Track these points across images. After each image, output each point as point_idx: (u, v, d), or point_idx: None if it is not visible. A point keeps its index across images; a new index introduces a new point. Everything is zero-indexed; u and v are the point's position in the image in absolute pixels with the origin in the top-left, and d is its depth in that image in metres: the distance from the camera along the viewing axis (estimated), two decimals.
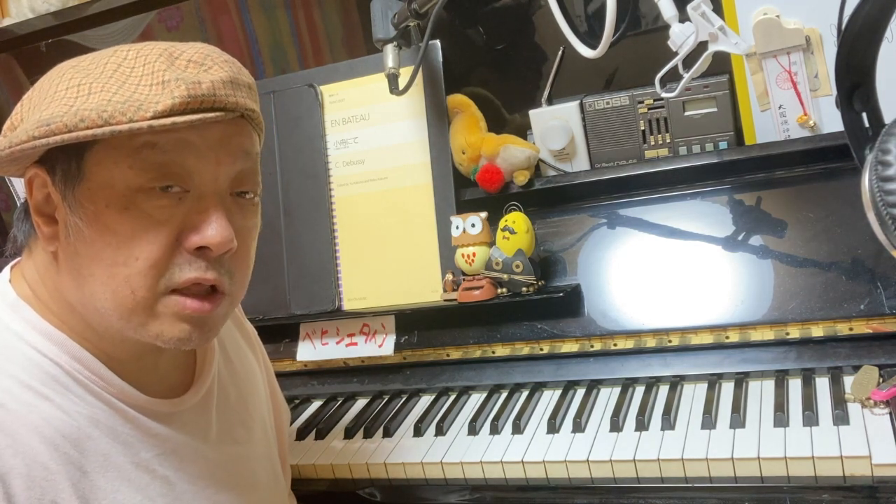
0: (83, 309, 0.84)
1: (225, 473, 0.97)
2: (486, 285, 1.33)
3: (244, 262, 0.89)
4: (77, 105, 0.78)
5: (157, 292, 0.82)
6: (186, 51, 0.82)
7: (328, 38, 1.64)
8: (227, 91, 0.81)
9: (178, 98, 0.78)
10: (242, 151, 0.86)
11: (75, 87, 0.80)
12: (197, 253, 0.82)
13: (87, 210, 0.81)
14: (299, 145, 1.51)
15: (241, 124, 0.86)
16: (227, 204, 0.85)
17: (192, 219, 0.82)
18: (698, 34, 1.11)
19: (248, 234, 0.89)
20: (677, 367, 1.24)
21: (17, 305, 0.86)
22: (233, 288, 0.87)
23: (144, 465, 0.87)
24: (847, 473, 0.97)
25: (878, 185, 0.81)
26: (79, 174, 0.81)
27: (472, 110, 1.43)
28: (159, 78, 0.79)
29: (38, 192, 0.84)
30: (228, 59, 0.85)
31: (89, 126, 0.77)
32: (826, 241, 1.20)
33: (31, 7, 1.85)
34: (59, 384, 0.83)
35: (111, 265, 0.81)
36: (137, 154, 0.80)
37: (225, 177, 0.84)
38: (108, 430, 0.85)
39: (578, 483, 1.10)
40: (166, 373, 0.94)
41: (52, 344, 0.84)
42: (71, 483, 0.80)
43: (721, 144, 1.32)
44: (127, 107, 0.77)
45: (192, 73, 0.80)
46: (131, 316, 0.82)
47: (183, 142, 0.81)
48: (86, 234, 0.81)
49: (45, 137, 0.78)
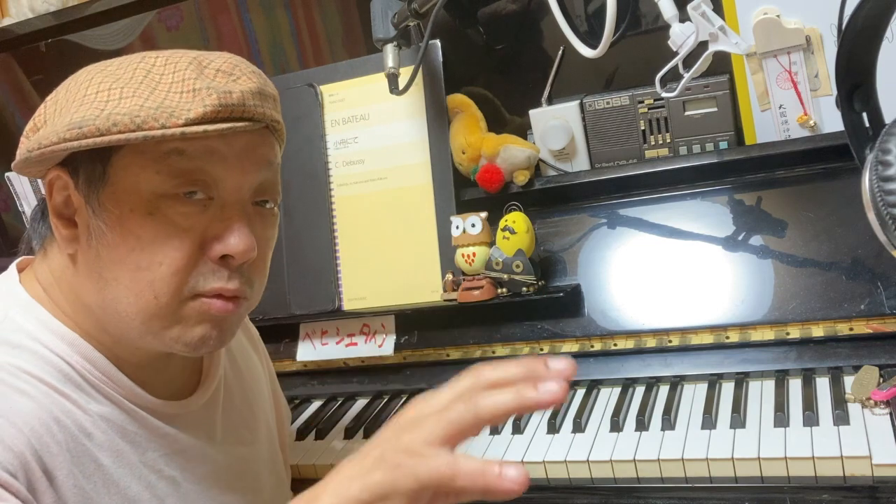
0: (102, 312, 0.85)
1: (230, 474, 0.97)
2: (486, 285, 1.33)
3: (262, 270, 0.90)
4: (109, 109, 0.79)
5: (180, 298, 0.83)
6: (215, 60, 0.83)
7: (328, 38, 1.64)
8: (256, 102, 0.83)
9: (210, 106, 0.79)
10: (266, 161, 0.87)
11: (105, 91, 0.81)
12: (220, 262, 0.84)
13: (111, 214, 0.81)
14: (299, 145, 1.51)
15: (266, 135, 0.87)
16: (249, 213, 0.86)
17: (215, 227, 0.83)
18: (698, 34, 1.11)
19: (266, 244, 0.90)
20: (677, 367, 1.24)
21: (30, 306, 0.86)
22: (252, 295, 0.89)
23: (151, 465, 0.88)
24: (847, 473, 0.97)
25: (879, 185, 0.81)
26: (104, 178, 0.82)
27: (472, 110, 1.43)
28: (190, 86, 0.80)
29: (59, 194, 0.85)
30: (256, 71, 0.86)
31: (122, 130, 0.78)
32: (826, 241, 1.20)
33: (31, 7, 1.85)
34: (71, 382, 0.84)
35: (135, 270, 0.82)
36: (164, 160, 0.81)
37: (248, 186, 0.85)
38: (118, 429, 0.86)
39: (578, 483, 1.10)
40: (174, 375, 0.95)
41: (64, 344, 0.85)
42: (83, 473, 0.81)
43: (721, 144, 1.31)
44: (159, 113, 0.78)
45: (222, 82, 0.82)
46: (153, 320, 0.83)
47: (210, 150, 0.82)
48: (108, 237, 0.82)
49: (77, 140, 0.78)
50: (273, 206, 0.90)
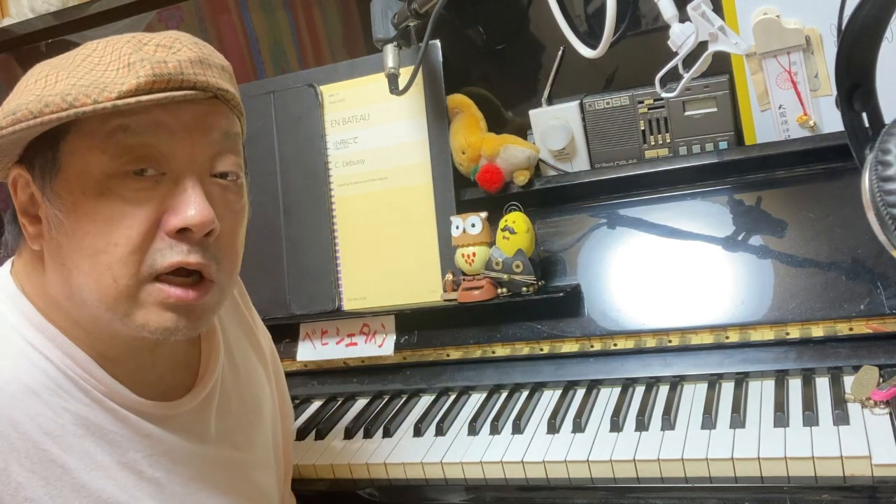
0: (70, 304, 0.83)
1: (219, 479, 0.95)
2: (486, 285, 1.33)
3: (231, 247, 0.87)
4: (43, 93, 0.78)
5: (139, 279, 0.81)
6: (155, 37, 0.82)
7: (328, 38, 1.64)
8: (196, 70, 0.80)
9: (144, 77, 0.77)
10: (219, 131, 0.84)
11: (43, 78, 0.80)
12: (178, 237, 0.81)
13: (65, 201, 0.80)
14: (299, 145, 1.51)
15: (216, 104, 0.84)
16: (208, 186, 0.83)
17: (169, 201, 0.81)
18: (698, 34, 1.12)
19: (233, 218, 0.87)
20: (677, 367, 1.24)
21: (15, 297, 0.86)
22: (220, 275, 0.85)
23: (132, 466, 0.86)
24: (847, 473, 0.97)
25: (878, 185, 0.81)
26: (55, 165, 0.81)
27: (472, 110, 1.43)
28: (125, 61, 0.78)
29: (22, 192, 0.84)
30: (199, 42, 0.84)
31: (54, 111, 0.76)
32: (826, 241, 1.20)
33: (31, 7, 1.85)
34: (49, 379, 0.82)
35: (92, 254, 0.80)
36: (110, 138, 0.79)
37: (202, 157, 0.83)
38: (95, 429, 0.84)
39: (578, 483, 1.10)
40: (164, 373, 0.93)
41: (45, 339, 0.84)
42: (44, 480, 0.80)
43: (721, 144, 1.32)
44: (91, 89, 0.77)
45: (161, 55, 0.80)
46: (116, 305, 0.81)
47: (155, 123, 0.80)
48: (66, 225, 0.80)
49: (11, 126, 0.77)
50: (235, 178, 0.87)
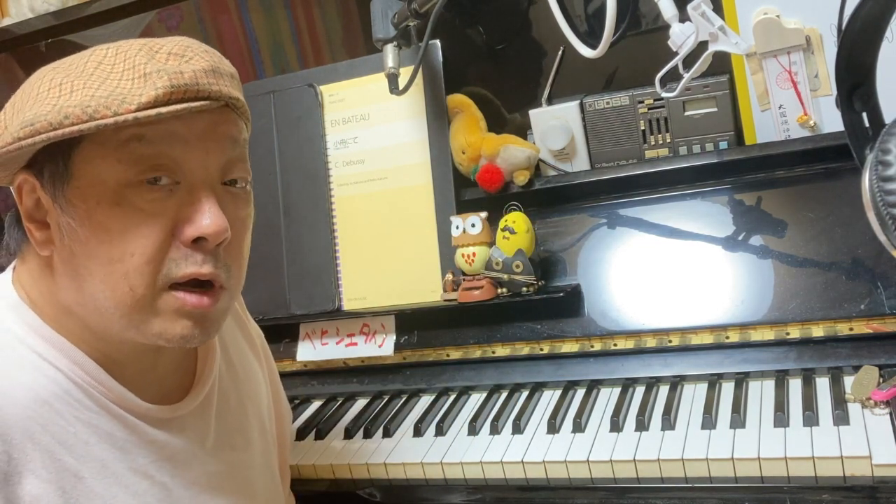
0: (82, 311, 0.84)
1: (222, 480, 0.96)
2: (486, 285, 1.33)
3: (239, 254, 0.88)
4: (60, 103, 0.78)
5: (155, 288, 0.81)
6: (166, 44, 0.82)
7: (328, 38, 1.64)
8: (210, 80, 0.81)
9: (162, 89, 0.78)
10: (230, 139, 0.85)
11: (57, 87, 0.80)
12: (193, 246, 0.82)
13: (78, 209, 0.80)
14: (299, 145, 1.51)
15: (227, 113, 0.85)
16: (219, 194, 0.84)
17: (184, 211, 0.82)
18: (698, 34, 1.11)
19: (241, 225, 0.88)
20: (677, 367, 1.24)
21: (19, 308, 0.85)
22: (230, 282, 0.86)
23: (142, 472, 0.87)
24: (847, 473, 0.97)
25: (879, 185, 0.81)
26: (67, 173, 0.81)
27: (472, 110, 1.43)
28: (140, 71, 0.79)
29: (28, 197, 0.84)
30: (209, 50, 0.84)
31: (74, 122, 0.77)
32: (826, 241, 1.20)
33: (30, 7, 1.85)
34: (59, 388, 0.83)
35: (108, 262, 0.80)
36: (124, 148, 0.79)
37: (214, 166, 0.84)
38: (106, 437, 0.85)
39: (578, 483, 1.10)
40: (165, 374, 0.93)
41: (53, 348, 0.84)
42: (60, 490, 0.80)
43: (721, 144, 1.31)
44: (111, 101, 0.77)
45: (174, 64, 0.80)
46: (132, 314, 0.82)
47: (169, 133, 0.80)
48: (80, 233, 0.80)
49: (31, 137, 0.77)
50: (244, 185, 0.88)
